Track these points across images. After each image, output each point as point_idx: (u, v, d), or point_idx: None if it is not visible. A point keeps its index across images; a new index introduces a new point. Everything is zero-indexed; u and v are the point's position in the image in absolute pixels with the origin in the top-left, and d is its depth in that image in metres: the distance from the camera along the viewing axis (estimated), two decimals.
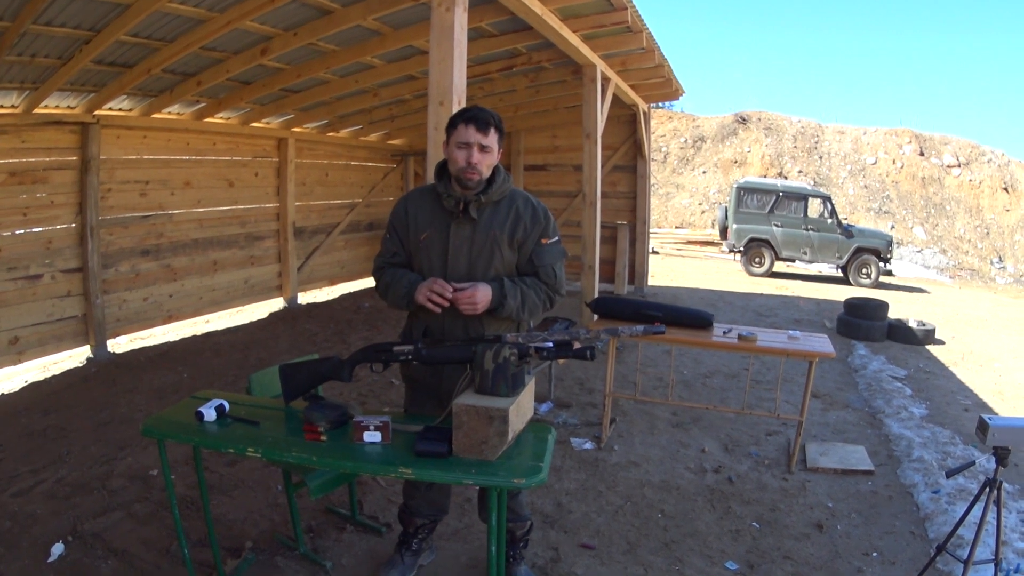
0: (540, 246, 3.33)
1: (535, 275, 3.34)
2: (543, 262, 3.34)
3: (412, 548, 3.76)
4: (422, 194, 3.38)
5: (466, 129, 3.14)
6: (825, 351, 5.40)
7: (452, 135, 3.19)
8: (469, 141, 3.13)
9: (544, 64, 9.23)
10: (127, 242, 8.61)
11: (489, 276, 3.27)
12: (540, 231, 3.33)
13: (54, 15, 5.59)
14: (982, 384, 8.53)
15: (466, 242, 3.26)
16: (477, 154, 3.15)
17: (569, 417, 6.47)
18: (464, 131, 3.14)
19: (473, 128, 3.14)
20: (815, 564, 4.19)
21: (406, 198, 3.43)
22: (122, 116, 8.23)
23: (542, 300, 3.38)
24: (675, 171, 31.42)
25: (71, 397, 6.71)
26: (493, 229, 3.26)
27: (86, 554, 3.94)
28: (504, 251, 3.29)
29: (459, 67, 4.67)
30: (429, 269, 3.29)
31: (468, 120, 3.15)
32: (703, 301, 13.08)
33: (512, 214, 3.29)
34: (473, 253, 3.26)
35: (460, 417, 2.78)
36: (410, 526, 3.72)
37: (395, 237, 3.38)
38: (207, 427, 3.15)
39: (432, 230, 3.28)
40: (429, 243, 3.29)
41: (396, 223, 3.38)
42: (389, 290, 3.31)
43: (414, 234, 3.31)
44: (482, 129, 3.15)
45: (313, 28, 6.74)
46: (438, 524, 3.89)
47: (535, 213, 3.33)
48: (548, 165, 14.03)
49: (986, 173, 30.01)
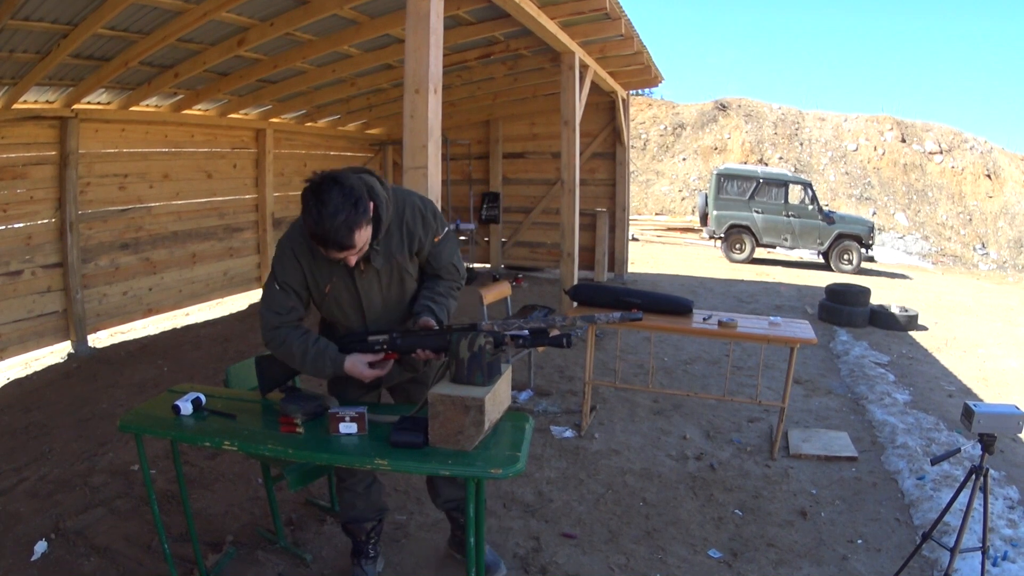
0: (435, 246, 3.27)
1: (438, 275, 3.35)
2: (442, 263, 3.32)
3: (369, 555, 3.67)
4: (308, 241, 3.01)
5: (330, 252, 2.88)
6: (806, 337, 5.41)
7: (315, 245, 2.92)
8: (336, 258, 2.93)
9: (522, 52, 9.20)
10: (106, 236, 8.55)
11: (405, 303, 3.28)
12: (432, 233, 3.24)
13: (32, 10, 5.53)
14: (966, 370, 8.55)
15: (375, 283, 3.18)
16: (354, 256, 2.94)
17: (549, 405, 6.48)
18: (331, 253, 2.89)
19: (336, 251, 2.86)
20: (799, 551, 4.20)
21: (291, 248, 3.10)
22: (100, 110, 8.16)
23: (455, 298, 3.40)
24: (655, 158, 31.46)
25: (52, 394, 6.68)
26: (394, 257, 3.16)
27: (69, 551, 3.92)
28: (410, 269, 3.25)
29: (435, 55, 4.64)
30: (344, 319, 3.24)
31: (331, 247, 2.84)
32: (683, 288, 13.12)
33: (404, 231, 3.17)
34: (384, 291, 3.22)
35: (436, 407, 2.78)
36: (360, 534, 3.62)
37: (289, 292, 3.12)
38: (184, 421, 3.14)
39: (335, 279, 3.13)
40: (336, 294, 3.16)
41: (288, 279, 3.11)
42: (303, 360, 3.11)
43: (315, 287, 3.14)
44: (344, 248, 2.85)
45: (289, 18, 6.68)
46: (384, 523, 3.80)
47: (424, 218, 3.22)
48: (527, 153, 14.04)
49: (969, 160, 30.13)
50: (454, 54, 8.85)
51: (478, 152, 14.31)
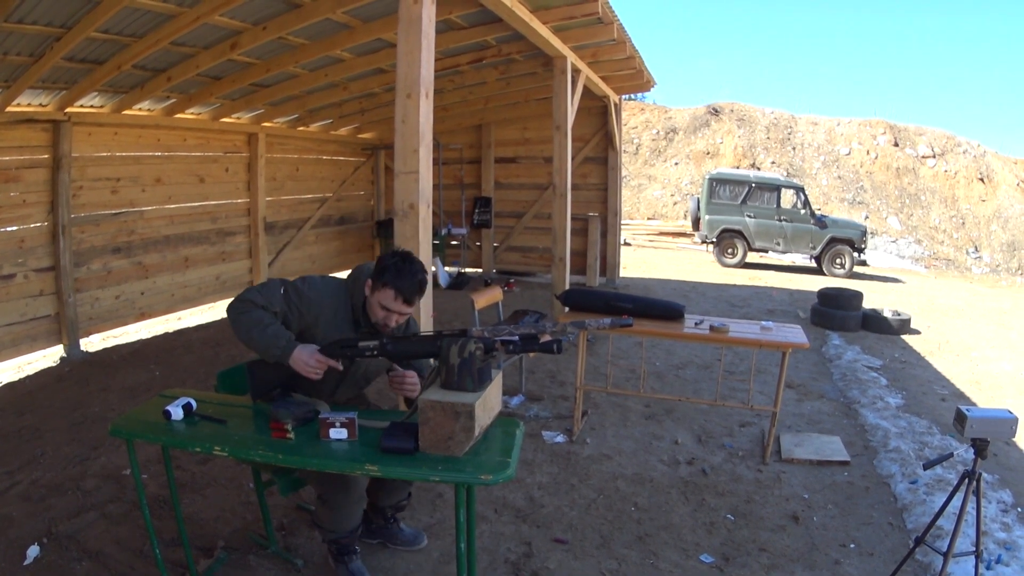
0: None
1: None
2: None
3: (355, 551, 3.65)
4: (335, 308, 3.38)
5: (395, 300, 3.22)
6: (798, 342, 5.43)
7: (381, 293, 3.24)
8: (394, 311, 3.25)
9: (514, 56, 9.24)
10: (99, 240, 8.53)
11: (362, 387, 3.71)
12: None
13: (25, 12, 5.52)
14: (959, 374, 8.56)
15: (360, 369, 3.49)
16: (397, 318, 3.29)
17: (541, 410, 6.48)
18: (393, 301, 3.22)
19: (402, 301, 3.22)
20: (792, 556, 4.21)
21: (321, 303, 3.36)
22: (93, 113, 8.15)
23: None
24: (647, 163, 31.44)
25: (45, 397, 6.67)
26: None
27: (61, 556, 3.92)
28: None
29: (427, 59, 4.65)
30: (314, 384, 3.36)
31: (401, 291, 3.20)
32: (675, 292, 13.16)
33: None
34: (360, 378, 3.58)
35: (426, 413, 2.78)
36: (352, 540, 3.60)
37: (294, 311, 3.31)
38: (175, 426, 3.14)
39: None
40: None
41: (298, 306, 3.32)
42: (262, 329, 3.19)
43: (311, 336, 3.32)
44: (410, 302, 3.25)
45: (282, 22, 6.69)
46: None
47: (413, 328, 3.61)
48: (519, 157, 14.09)
49: (962, 164, 30.19)
50: (446, 58, 8.87)
51: (470, 156, 14.33)
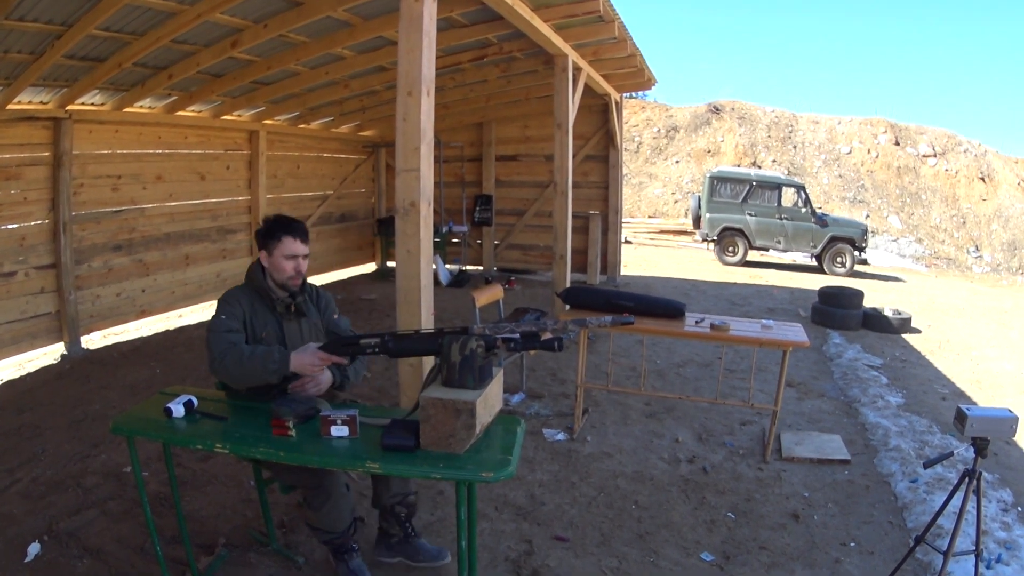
0: (334, 321, 3.79)
1: None
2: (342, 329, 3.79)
3: (354, 548, 3.64)
4: (246, 295, 3.59)
5: (293, 242, 3.50)
6: (799, 340, 5.43)
7: (277, 247, 3.50)
8: (296, 253, 3.52)
9: (515, 54, 9.24)
10: (99, 237, 8.53)
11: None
12: (331, 309, 3.82)
13: (26, 10, 5.54)
14: (959, 373, 8.55)
15: (297, 336, 3.60)
16: (302, 263, 3.56)
17: (541, 408, 6.47)
18: (291, 244, 3.50)
19: (299, 241, 3.52)
20: (792, 554, 4.21)
21: (235, 297, 3.55)
22: (94, 111, 8.16)
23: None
24: (648, 161, 31.41)
25: (45, 395, 6.67)
26: (312, 319, 3.71)
27: (62, 553, 3.92)
28: (322, 332, 3.72)
29: (428, 57, 4.65)
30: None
31: (293, 233, 3.51)
32: (676, 290, 13.12)
33: (317, 302, 3.79)
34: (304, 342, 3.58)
35: (427, 410, 2.78)
36: (347, 539, 3.59)
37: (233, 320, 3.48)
38: (176, 423, 3.15)
39: (269, 328, 3.56)
40: (269, 340, 3.53)
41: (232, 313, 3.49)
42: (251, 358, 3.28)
43: (251, 331, 3.52)
44: (305, 240, 3.56)
45: (283, 20, 6.70)
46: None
47: (325, 298, 3.85)
48: (519, 155, 14.08)
49: (963, 163, 30.15)
50: (447, 56, 8.87)
51: (471, 154, 14.32)
